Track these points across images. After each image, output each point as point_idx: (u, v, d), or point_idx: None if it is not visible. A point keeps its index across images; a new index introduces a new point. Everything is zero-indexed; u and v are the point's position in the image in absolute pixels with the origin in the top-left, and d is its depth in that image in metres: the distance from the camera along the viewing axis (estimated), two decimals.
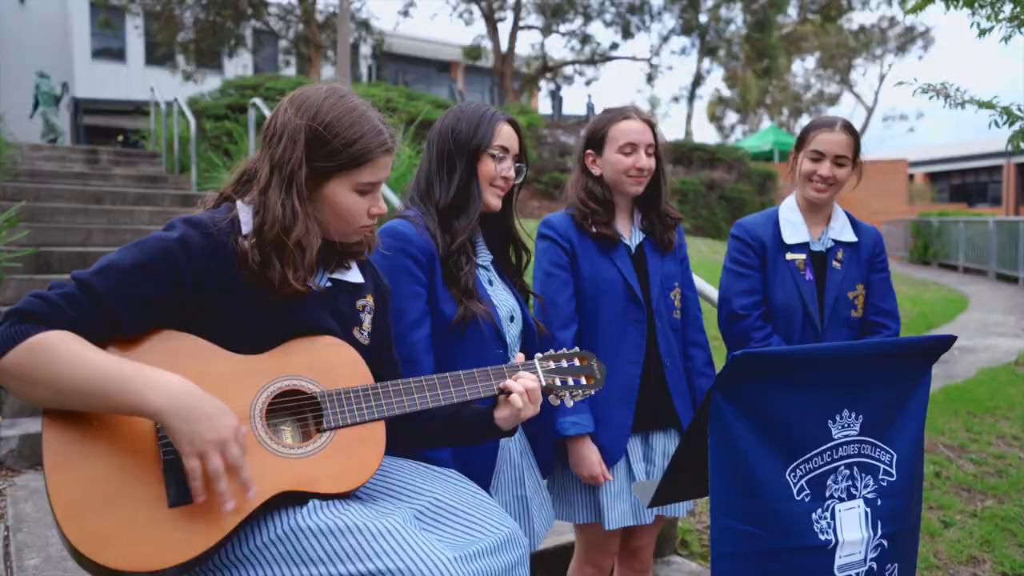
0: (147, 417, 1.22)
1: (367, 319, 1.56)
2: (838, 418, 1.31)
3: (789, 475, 1.25)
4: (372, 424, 1.45)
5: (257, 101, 8.14)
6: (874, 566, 1.37)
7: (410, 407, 1.50)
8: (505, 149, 1.89)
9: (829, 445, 1.29)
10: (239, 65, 21.02)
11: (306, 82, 12.16)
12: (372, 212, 1.48)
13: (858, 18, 31.76)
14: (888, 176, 23.31)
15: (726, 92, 34.38)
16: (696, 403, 2.30)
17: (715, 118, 36.72)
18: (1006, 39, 3.89)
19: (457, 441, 1.70)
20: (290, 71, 19.90)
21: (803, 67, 36.23)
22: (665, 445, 2.26)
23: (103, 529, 1.18)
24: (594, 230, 2.18)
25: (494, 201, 1.90)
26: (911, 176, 31.08)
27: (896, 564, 1.41)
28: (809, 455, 1.27)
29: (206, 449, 1.20)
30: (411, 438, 1.62)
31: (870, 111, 37.35)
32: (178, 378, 1.23)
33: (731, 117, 37.39)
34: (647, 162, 2.17)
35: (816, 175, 2.30)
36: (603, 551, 2.26)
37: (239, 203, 1.46)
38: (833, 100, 36.44)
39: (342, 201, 1.44)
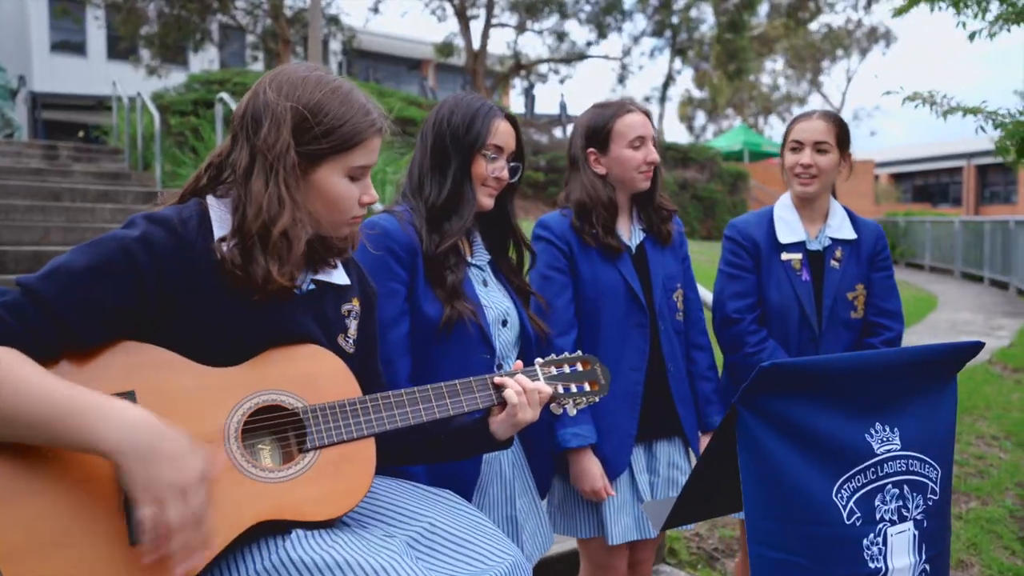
0: (99, 455, 1.05)
1: (353, 325, 1.42)
2: (873, 432, 1.20)
3: (836, 496, 1.14)
4: (360, 442, 1.31)
5: (224, 96, 7.90)
6: None
7: (402, 421, 1.36)
8: (500, 148, 1.77)
9: (873, 461, 1.17)
10: (205, 60, 20.55)
11: None
12: (364, 200, 1.34)
13: (825, 19, 32.18)
14: (855, 177, 23.56)
15: (696, 93, 34.61)
16: (699, 409, 2.20)
17: (686, 118, 36.95)
18: (991, 35, 3.87)
19: (446, 454, 1.55)
20: (258, 66, 19.51)
21: (772, 68, 36.64)
22: (669, 454, 2.15)
23: (51, 573, 1.02)
24: (594, 240, 2.05)
25: (485, 201, 1.78)
26: (876, 177, 31.58)
27: None
28: (852, 472, 1.15)
29: (163, 496, 1.03)
30: (395, 453, 1.46)
31: (837, 112, 37.91)
32: (138, 410, 1.06)
33: (701, 118, 37.66)
34: (656, 155, 2.08)
35: (799, 165, 2.22)
36: (612, 570, 2.13)
37: (210, 198, 1.31)
38: (802, 100, 36.90)
39: (334, 188, 1.30)
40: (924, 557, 1.26)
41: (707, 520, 3.15)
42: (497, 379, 1.46)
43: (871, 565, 1.18)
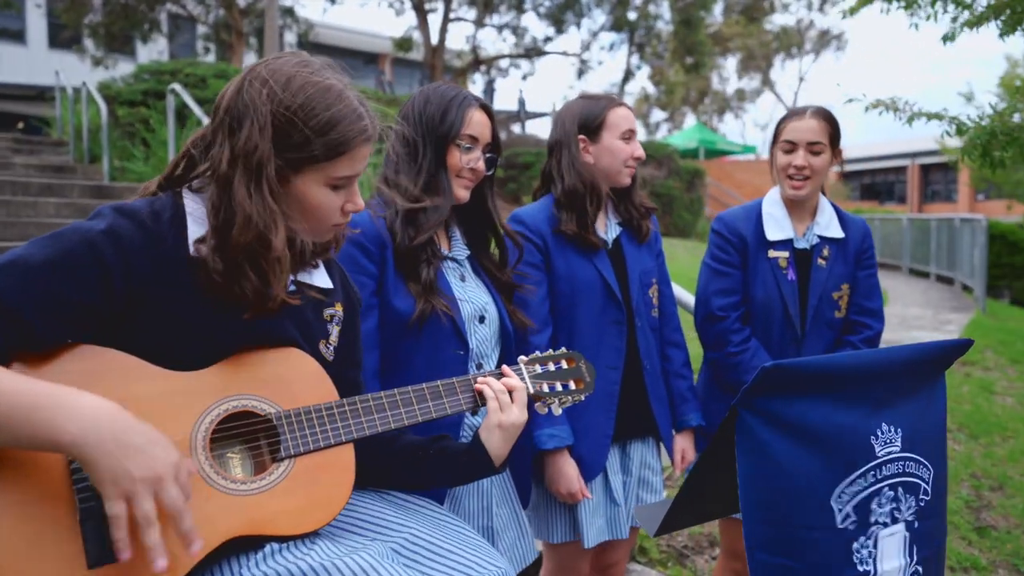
0: (61, 451, 0.96)
1: (335, 331, 1.33)
2: (880, 433, 1.17)
3: (835, 500, 1.10)
4: (338, 448, 1.23)
5: (177, 87, 7.65)
6: None
7: (383, 426, 1.28)
8: (475, 139, 1.71)
9: (873, 464, 1.14)
10: (154, 51, 19.94)
11: (229, 70, 11.56)
12: (347, 208, 1.24)
13: (779, 20, 32.81)
14: None
15: (651, 90, 34.93)
16: (674, 407, 2.17)
17: (642, 115, 37.25)
18: (946, 41, 3.94)
19: (434, 477, 1.41)
20: (210, 58, 19.00)
21: (726, 66, 37.18)
22: (643, 454, 2.11)
23: None
24: (570, 234, 2.00)
25: (460, 193, 1.72)
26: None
27: None
28: (854, 476, 1.12)
29: (134, 489, 0.94)
30: (376, 476, 1.35)
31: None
32: (100, 400, 0.97)
33: (657, 115, 38.04)
34: (642, 151, 2.05)
35: (792, 166, 2.17)
36: (576, 573, 2.08)
37: (185, 192, 1.21)
38: (754, 98, 37.51)
39: (313, 198, 1.20)
40: (916, 559, 1.24)
41: (694, 525, 3.13)
42: (480, 379, 1.40)
43: (860, 568, 1.15)
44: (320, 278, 1.33)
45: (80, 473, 1.00)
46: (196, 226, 1.17)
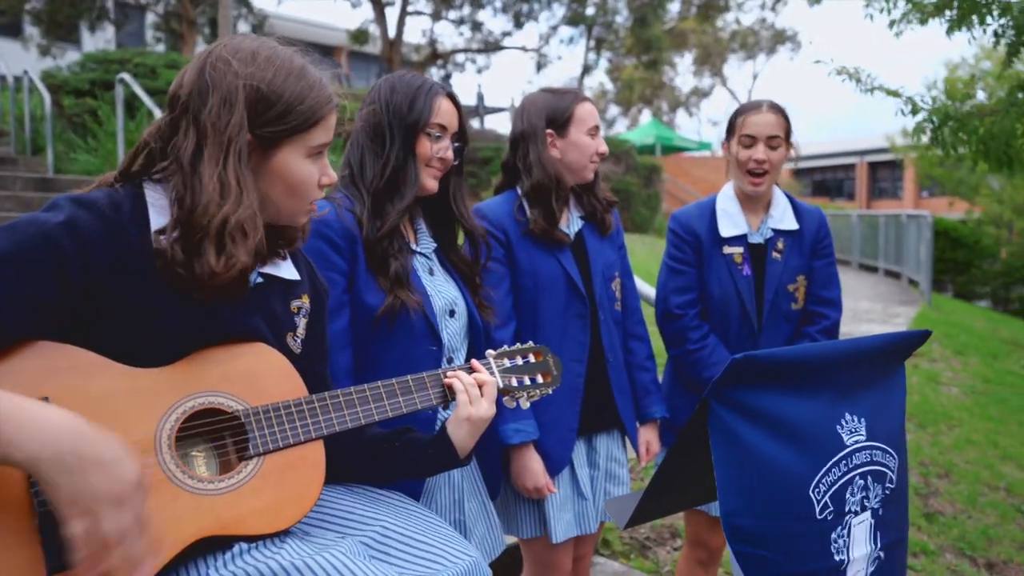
0: (16, 467, 0.90)
1: (302, 324, 1.31)
2: (844, 423, 1.19)
3: (813, 491, 1.12)
4: (308, 445, 1.21)
5: (126, 76, 7.43)
6: None
7: (353, 422, 1.26)
8: (443, 128, 1.69)
9: (843, 453, 1.17)
10: (101, 40, 19.29)
11: (180, 60, 11.26)
12: (323, 181, 1.24)
13: (734, 18, 33.26)
14: None
15: (609, 86, 35.16)
16: (637, 400, 2.18)
17: (600, 111, 37.45)
18: (894, 26, 4.06)
19: (401, 469, 1.42)
20: (160, 48, 18.48)
21: (682, 63, 37.62)
22: (609, 448, 2.12)
23: None
24: (534, 228, 2.00)
25: (430, 183, 1.69)
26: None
27: None
28: (828, 465, 1.14)
29: (96, 509, 0.89)
30: (344, 471, 1.34)
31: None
32: (58, 412, 0.92)
33: (613, 110, 38.29)
34: (605, 147, 2.06)
35: (753, 160, 2.19)
36: (556, 569, 2.08)
37: (147, 183, 1.18)
38: (709, 94, 38.03)
39: (297, 170, 1.19)
40: (879, 545, 1.27)
41: (663, 516, 3.17)
42: (450, 373, 1.39)
43: (836, 558, 1.18)
44: (287, 270, 1.30)
45: None
46: (159, 217, 1.14)
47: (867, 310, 10.49)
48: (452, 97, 1.72)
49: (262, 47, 1.18)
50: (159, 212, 1.14)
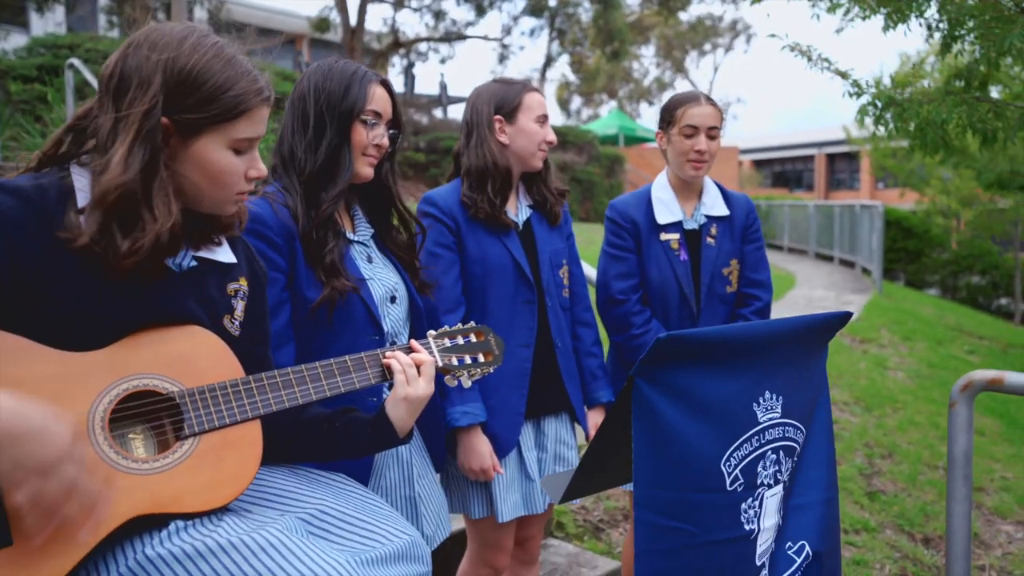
0: None
1: (240, 306, 1.32)
2: (761, 400, 1.26)
3: (724, 464, 1.17)
4: (244, 425, 1.23)
5: (75, 62, 7.24)
6: (773, 547, 1.34)
7: (290, 401, 1.28)
8: (378, 114, 1.70)
9: (756, 430, 1.23)
10: (50, 23, 18.73)
11: None
12: (251, 175, 1.24)
13: (697, 11, 33.65)
14: (721, 162, 24.82)
15: (572, 77, 35.25)
16: (585, 384, 2.24)
17: (563, 102, 37.58)
18: (839, 31, 4.19)
19: (341, 449, 1.44)
20: (114, 33, 18.01)
21: (644, 55, 37.86)
22: (558, 430, 2.17)
23: None
24: (482, 215, 2.03)
25: (366, 171, 1.70)
26: (740, 163, 33.48)
27: (801, 542, 1.38)
28: (740, 441, 1.20)
29: (36, 478, 0.92)
30: (283, 451, 1.36)
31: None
32: None
33: (576, 101, 38.41)
34: (554, 136, 2.10)
35: (695, 151, 2.27)
36: (499, 549, 2.13)
37: (73, 167, 1.18)
38: (670, 85, 38.37)
39: (216, 160, 1.20)
40: (782, 512, 1.34)
41: (597, 492, 3.23)
42: (388, 353, 1.42)
43: (746, 527, 1.24)
44: (223, 254, 1.31)
45: None
46: (84, 200, 1.15)
47: (821, 298, 10.74)
48: (386, 84, 1.73)
49: (192, 34, 1.19)
50: (84, 195, 1.15)
